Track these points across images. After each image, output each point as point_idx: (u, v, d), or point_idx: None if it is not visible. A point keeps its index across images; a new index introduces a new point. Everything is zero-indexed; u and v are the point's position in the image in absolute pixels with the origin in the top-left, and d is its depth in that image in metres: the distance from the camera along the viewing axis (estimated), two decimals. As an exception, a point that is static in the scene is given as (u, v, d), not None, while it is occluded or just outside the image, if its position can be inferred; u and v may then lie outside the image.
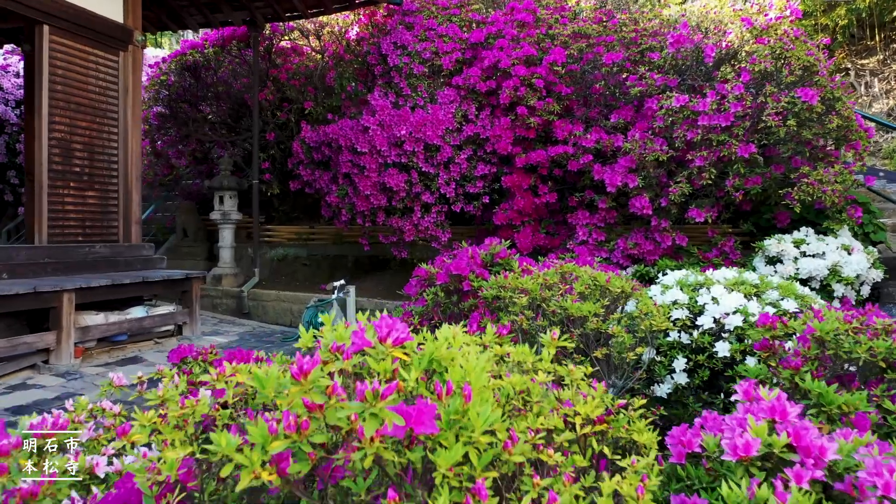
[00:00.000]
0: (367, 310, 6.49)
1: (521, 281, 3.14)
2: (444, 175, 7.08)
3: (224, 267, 9.20)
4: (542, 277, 3.41)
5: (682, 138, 5.91)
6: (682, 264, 6.20)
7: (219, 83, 9.62)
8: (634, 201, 6.12)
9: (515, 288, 3.14)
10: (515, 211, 6.77)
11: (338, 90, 8.30)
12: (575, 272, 3.47)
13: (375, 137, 7.22)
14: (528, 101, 6.65)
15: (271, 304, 8.54)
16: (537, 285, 3.12)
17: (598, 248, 6.49)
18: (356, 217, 7.66)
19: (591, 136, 6.40)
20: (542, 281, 3.22)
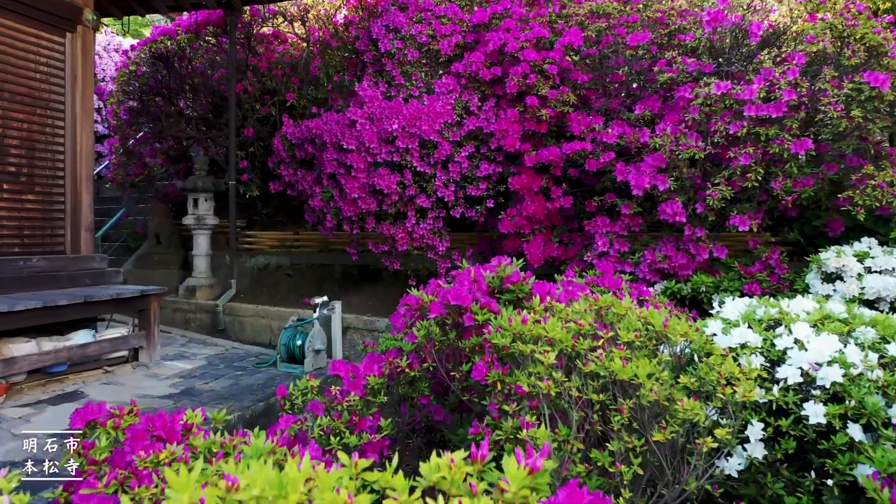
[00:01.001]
0: (355, 329, 5.34)
1: (544, 330, 2.23)
2: (441, 175, 6.17)
3: (199, 277, 8.29)
4: (571, 315, 2.50)
5: (723, 132, 4.99)
6: (721, 280, 5.29)
7: (195, 74, 8.71)
8: (665, 207, 5.21)
9: (537, 337, 2.23)
10: (524, 217, 5.86)
11: (323, 80, 7.39)
12: (615, 308, 2.56)
13: (364, 133, 6.31)
14: (539, 90, 5.74)
15: (249, 320, 7.63)
16: (568, 334, 2.21)
17: (621, 260, 5.58)
18: (342, 223, 6.76)
19: (613, 130, 5.49)
20: (573, 325, 2.31)
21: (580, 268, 5.76)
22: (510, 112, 5.91)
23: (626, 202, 5.51)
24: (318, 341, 6.04)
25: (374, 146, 6.29)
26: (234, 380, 5.52)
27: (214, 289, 8.24)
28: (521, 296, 3.20)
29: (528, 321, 2.27)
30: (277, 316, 7.39)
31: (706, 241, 5.27)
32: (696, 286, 5.31)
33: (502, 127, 5.90)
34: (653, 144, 5.27)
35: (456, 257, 6.42)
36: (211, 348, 6.72)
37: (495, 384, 2.51)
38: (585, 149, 5.52)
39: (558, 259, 5.99)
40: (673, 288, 5.36)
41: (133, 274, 9.02)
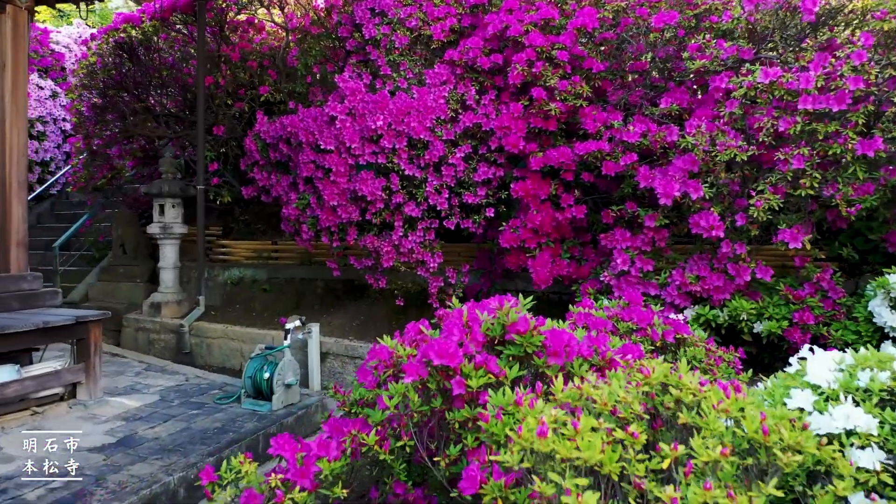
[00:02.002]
0: (335, 355, 4.09)
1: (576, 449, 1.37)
2: (433, 180, 5.32)
3: (165, 292, 7.44)
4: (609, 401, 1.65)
5: (769, 130, 4.14)
6: (764, 306, 4.44)
7: (164, 67, 7.86)
8: (698, 219, 4.36)
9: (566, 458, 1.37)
10: (529, 229, 5.01)
11: (302, 72, 6.55)
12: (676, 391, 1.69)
13: (344, 130, 5.46)
14: (547, 80, 4.89)
15: (217, 343, 6.78)
16: (612, 454, 1.35)
17: (644, 281, 4.72)
18: (321, 234, 5.91)
19: (636, 127, 4.63)
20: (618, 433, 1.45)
21: (595, 289, 4.91)
22: (513, 106, 5.06)
23: (650, 213, 4.66)
24: (290, 373, 5.18)
25: (355, 146, 5.44)
26: (187, 422, 4.67)
27: (183, 305, 7.39)
28: (529, 350, 2.36)
29: (548, 432, 1.41)
30: (248, 338, 6.54)
31: (747, 260, 4.41)
32: (734, 313, 4.46)
33: (504, 124, 5.05)
34: (683, 144, 4.43)
35: (450, 274, 5.57)
36: (170, 378, 5.86)
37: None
38: (602, 149, 4.67)
39: (569, 278, 5.14)
40: (707, 315, 4.51)
41: (96, 288, 8.18)
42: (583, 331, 3.31)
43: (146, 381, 5.73)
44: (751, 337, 4.53)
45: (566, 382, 2.35)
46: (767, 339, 4.42)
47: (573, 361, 2.38)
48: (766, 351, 4.65)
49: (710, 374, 3.14)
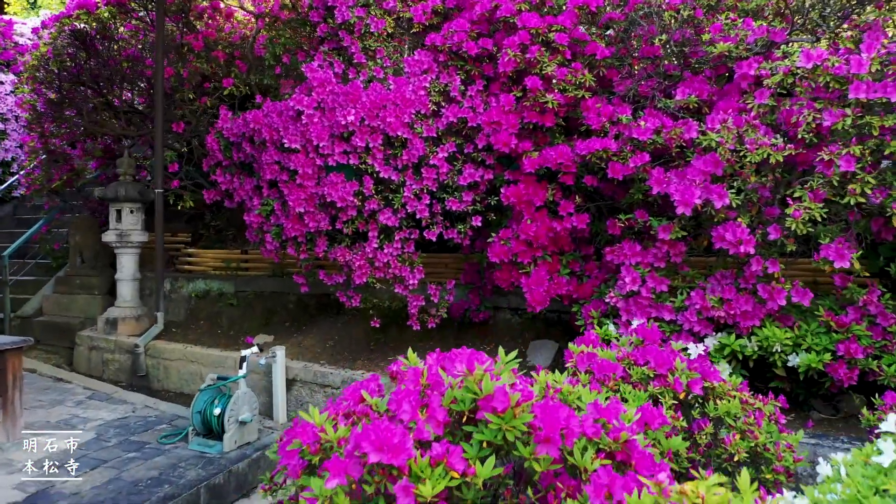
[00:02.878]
0: (303, 383, 3.32)
1: None
2: (412, 183, 4.61)
3: (123, 307, 6.73)
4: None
5: (810, 125, 3.43)
6: (801, 335, 3.73)
7: (125, 58, 7.15)
8: (723, 231, 3.64)
9: None
10: (522, 241, 4.30)
11: (270, 62, 5.84)
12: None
13: (311, 127, 4.75)
14: (543, 67, 4.18)
15: (176, 365, 6.07)
16: None
17: (657, 303, 4.01)
18: (286, 245, 5.19)
19: (648, 122, 3.92)
20: None
21: (599, 311, 4.20)
22: (503, 98, 4.35)
23: (664, 223, 3.94)
24: (245, 408, 4.47)
25: (324, 144, 4.73)
26: (118, 469, 3.96)
27: (142, 322, 6.67)
28: (511, 435, 1.65)
29: None
30: (209, 360, 5.83)
31: (781, 280, 3.70)
32: (765, 343, 3.74)
33: (492, 118, 4.34)
34: (704, 143, 3.71)
35: (432, 291, 4.86)
36: (114, 409, 5.15)
37: None
38: (608, 148, 3.95)
39: (569, 297, 4.43)
40: (733, 346, 3.80)
41: (51, 300, 7.47)
42: (585, 381, 2.60)
43: (86, 412, 5.02)
44: (784, 371, 3.82)
45: (566, 482, 1.65)
46: (805, 374, 3.71)
47: (573, 447, 1.68)
48: (802, 386, 3.94)
49: (750, 438, 2.43)
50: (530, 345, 5.23)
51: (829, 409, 4.00)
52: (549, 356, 5.08)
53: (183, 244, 7.74)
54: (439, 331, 5.55)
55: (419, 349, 5.47)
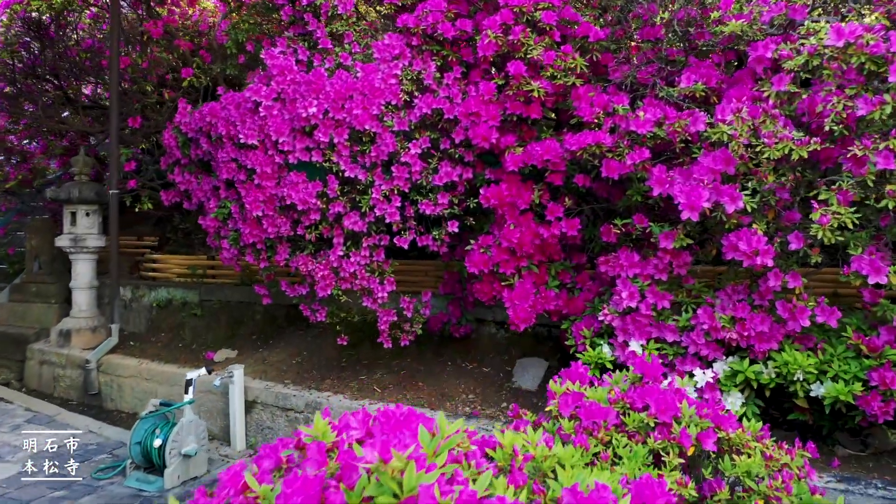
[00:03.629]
0: (264, 405, 2.95)
1: None
2: (381, 183, 4.08)
3: (78, 317, 6.20)
4: None
5: (840, 115, 2.90)
6: (827, 360, 3.19)
7: (82, 50, 6.63)
8: (735, 239, 3.11)
9: None
10: (505, 249, 3.76)
11: (232, 50, 5.31)
12: None
13: (270, 120, 4.22)
14: (529, 51, 3.65)
15: (130, 383, 5.54)
16: None
17: (657, 322, 3.48)
18: (245, 252, 4.66)
19: (647, 113, 3.39)
20: None
21: (592, 330, 3.67)
22: (483, 86, 3.82)
23: (666, 229, 3.41)
24: (191, 438, 3.94)
25: (284, 140, 4.20)
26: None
27: (98, 333, 6.15)
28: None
29: None
30: (165, 378, 5.30)
31: (804, 297, 3.16)
32: (784, 370, 3.20)
33: (470, 109, 3.80)
34: (714, 136, 3.18)
35: (406, 305, 4.32)
36: (54, 434, 4.60)
37: None
38: (602, 143, 3.42)
39: (558, 313, 3.90)
40: (746, 372, 3.26)
41: (5, 309, 6.93)
42: (570, 429, 2.07)
43: (19, 439, 4.49)
44: (806, 400, 3.29)
45: None
46: (832, 406, 3.17)
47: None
48: (827, 418, 3.40)
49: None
50: (517, 363, 4.70)
51: (857, 444, 3.47)
52: (537, 376, 4.55)
53: (149, 248, 7.22)
54: (417, 346, 5.02)
55: (393, 368, 4.91)
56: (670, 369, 3.46)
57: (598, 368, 3.56)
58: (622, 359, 3.53)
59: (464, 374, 4.76)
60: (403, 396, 4.50)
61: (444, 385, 4.62)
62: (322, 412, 1.53)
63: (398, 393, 4.55)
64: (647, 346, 3.48)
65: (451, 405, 4.34)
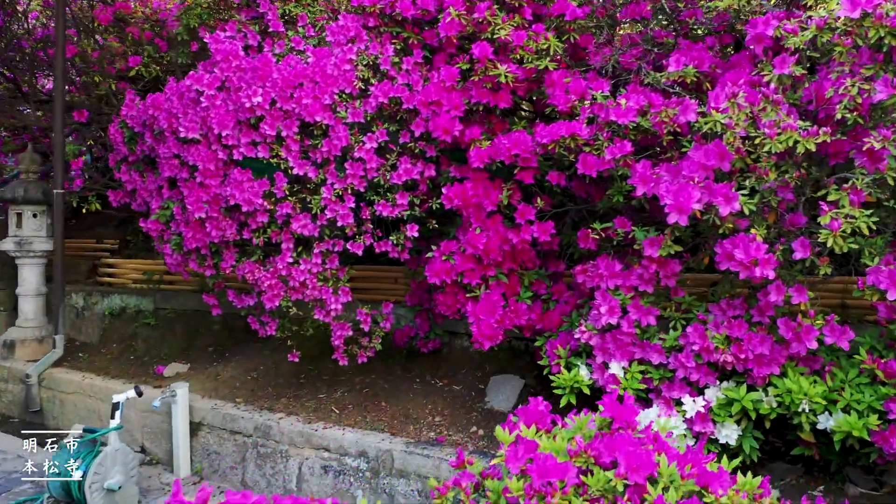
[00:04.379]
0: (210, 428, 3.07)
1: None
2: (334, 181, 3.62)
3: (24, 327, 5.74)
4: None
5: (854, 100, 2.45)
6: (836, 387, 2.74)
7: (35, 41, 6.18)
8: (731, 247, 2.66)
9: None
10: (470, 256, 3.31)
11: (184, 36, 4.86)
12: None
13: (213, 111, 3.77)
14: (497, 31, 3.20)
15: (72, 400, 5.09)
16: None
17: (641, 341, 3.03)
18: (188, 258, 4.21)
19: (630, 100, 2.94)
20: None
21: (568, 349, 3.22)
22: (445, 71, 3.36)
23: (651, 234, 2.96)
24: (116, 469, 3.49)
25: (228, 133, 3.75)
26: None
27: (46, 344, 5.69)
28: None
29: None
30: (109, 394, 4.80)
31: (811, 314, 2.71)
32: (787, 399, 2.74)
33: (430, 98, 3.35)
34: (705, 127, 2.73)
35: (363, 318, 3.87)
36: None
37: None
38: (577, 135, 2.97)
39: (531, 328, 3.45)
40: (743, 401, 2.80)
41: (-48, 317, 6.47)
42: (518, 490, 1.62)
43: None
44: (812, 434, 2.83)
45: None
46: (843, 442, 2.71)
47: None
48: (836, 453, 2.95)
49: None
50: (491, 380, 4.25)
51: (871, 482, 3.01)
52: (512, 395, 4.09)
53: (109, 252, 6.75)
54: (383, 361, 4.57)
55: (356, 385, 4.42)
56: (655, 395, 3.01)
57: (573, 393, 3.11)
58: (601, 382, 3.08)
59: (432, 392, 4.30)
60: (363, 418, 4.04)
61: (409, 405, 4.17)
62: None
63: (358, 414, 4.10)
64: (630, 368, 3.03)
65: (414, 429, 3.89)
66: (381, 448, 3.62)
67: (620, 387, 2.98)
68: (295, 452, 3.92)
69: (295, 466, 3.91)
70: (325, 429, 3.89)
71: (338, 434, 3.80)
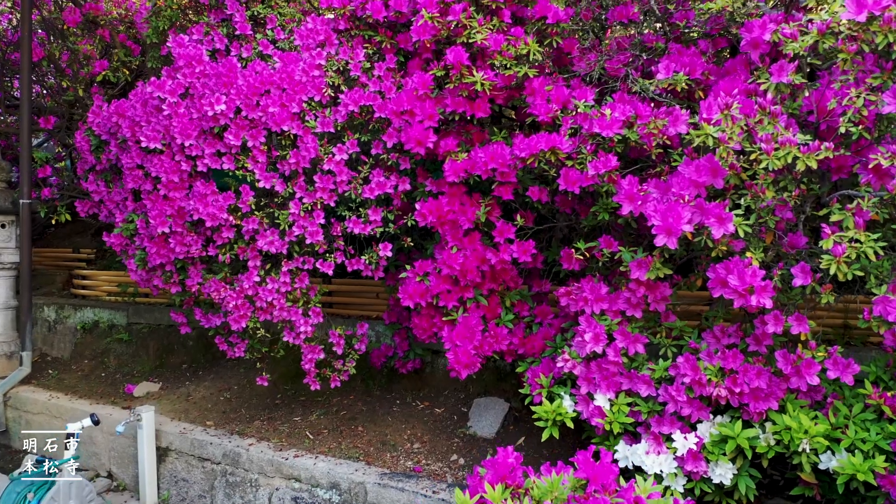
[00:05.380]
0: (179, 454, 2.92)
1: None
2: (303, 195, 3.39)
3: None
4: None
5: (860, 112, 2.22)
6: (840, 425, 2.51)
7: (6, 44, 5.94)
8: (725, 272, 2.44)
9: None
10: (446, 277, 3.08)
11: (153, 39, 4.62)
12: None
13: (175, 119, 3.54)
14: (472, 35, 2.96)
15: (38, 420, 4.86)
16: None
17: (629, 371, 2.80)
18: (153, 274, 3.98)
19: (615, 111, 2.71)
20: None
21: (552, 378, 2.99)
22: (418, 79, 3.13)
23: (640, 256, 2.73)
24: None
25: (191, 143, 3.52)
26: None
27: (16, 360, 5.46)
28: None
29: None
30: (76, 416, 4.59)
31: (812, 346, 2.48)
32: (786, 437, 2.52)
33: (402, 107, 3.12)
34: (697, 140, 2.50)
35: (336, 340, 3.64)
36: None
37: None
38: (558, 148, 2.73)
39: (512, 353, 3.22)
40: (738, 439, 2.57)
41: (-79, 329, 6.24)
42: None
43: None
44: (813, 474, 2.60)
45: None
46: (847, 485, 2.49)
47: None
48: (839, 495, 2.72)
49: None
50: (474, 403, 4.02)
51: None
52: (496, 420, 3.87)
53: (84, 262, 6.53)
54: (363, 380, 4.37)
55: (332, 407, 4.19)
56: (644, 429, 2.79)
57: (556, 426, 2.88)
58: (586, 415, 2.86)
59: (412, 415, 4.08)
60: (338, 445, 3.82)
61: (387, 430, 3.94)
62: None
63: (333, 440, 3.87)
64: (617, 400, 2.80)
65: (391, 457, 3.66)
66: (354, 480, 3.39)
67: (606, 420, 2.76)
68: (265, 482, 3.69)
69: (265, 497, 3.68)
70: (296, 457, 3.66)
71: (309, 463, 3.57)
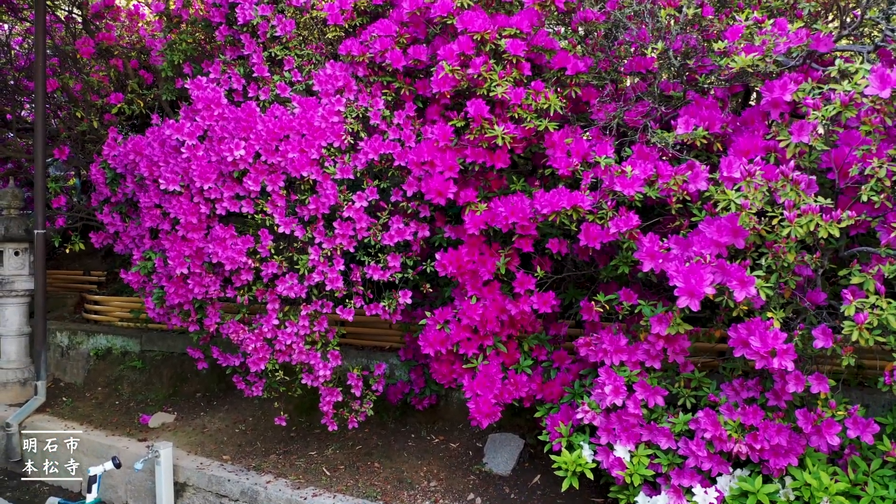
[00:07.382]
0: (196, 490, 2.85)
1: None
2: (322, 240, 3.43)
3: (6, 368, 5.55)
4: None
5: (881, 184, 2.26)
6: (860, 482, 2.54)
7: (18, 70, 5.98)
8: (746, 334, 2.47)
9: None
10: (466, 326, 3.11)
11: (168, 73, 4.64)
12: None
13: (194, 162, 3.57)
14: (492, 87, 2.99)
15: (54, 451, 4.88)
16: None
17: (649, 423, 2.84)
18: (171, 313, 4.01)
19: (636, 168, 2.74)
20: None
21: (571, 426, 3.02)
22: (438, 130, 3.16)
23: (660, 311, 2.76)
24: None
25: (210, 186, 3.55)
26: None
27: (30, 387, 5.50)
28: None
29: None
30: (90, 449, 4.65)
31: (832, 406, 2.52)
32: (806, 494, 2.55)
33: (423, 158, 3.15)
34: (718, 199, 2.54)
35: (354, 382, 3.67)
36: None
37: None
38: (579, 206, 2.76)
39: (531, 398, 3.25)
40: (758, 495, 2.61)
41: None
42: None
43: None
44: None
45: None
46: (867, 543, 2.52)
47: None
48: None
49: None
50: (489, 439, 4.05)
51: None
52: (511, 457, 3.90)
53: (96, 285, 6.57)
54: (377, 414, 4.38)
55: (348, 442, 4.22)
56: (664, 481, 2.82)
57: (576, 476, 2.92)
58: (606, 465, 2.89)
59: (428, 450, 4.11)
60: (355, 482, 3.85)
61: (403, 466, 3.97)
62: None
63: (350, 477, 3.90)
64: (637, 451, 2.83)
65: (409, 496, 3.69)
66: (373, 522, 3.43)
67: (626, 473, 2.80)
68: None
69: (283, 536, 3.71)
70: (314, 496, 3.69)
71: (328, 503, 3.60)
